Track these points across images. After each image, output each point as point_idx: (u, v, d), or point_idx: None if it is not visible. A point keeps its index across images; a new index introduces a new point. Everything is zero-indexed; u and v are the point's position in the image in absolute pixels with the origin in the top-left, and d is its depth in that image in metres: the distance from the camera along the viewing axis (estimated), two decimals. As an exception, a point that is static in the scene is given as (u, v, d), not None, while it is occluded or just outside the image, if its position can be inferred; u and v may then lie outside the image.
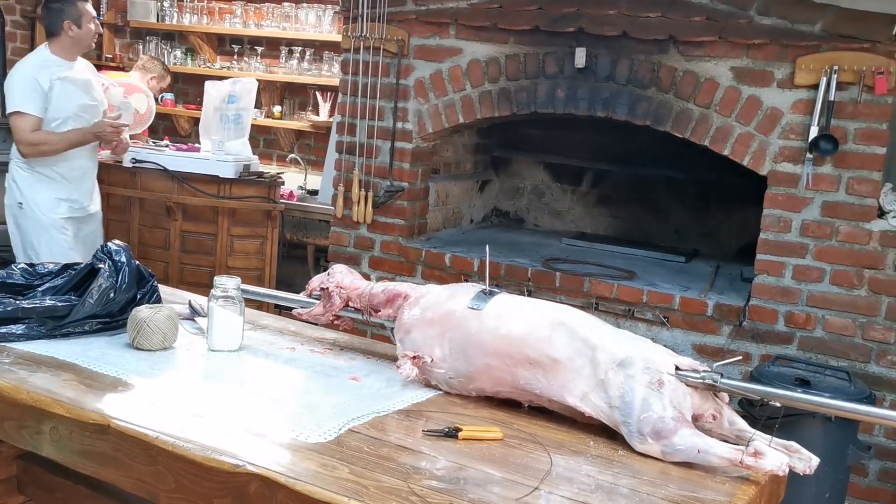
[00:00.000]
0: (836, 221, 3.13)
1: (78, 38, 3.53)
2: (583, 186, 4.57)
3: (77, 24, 3.50)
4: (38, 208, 3.57)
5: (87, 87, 3.61)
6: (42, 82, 3.45)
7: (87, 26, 3.52)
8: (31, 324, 1.87)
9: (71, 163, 3.62)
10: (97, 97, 3.70)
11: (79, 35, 3.52)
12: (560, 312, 1.71)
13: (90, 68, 3.77)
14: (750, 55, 3.19)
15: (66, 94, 3.52)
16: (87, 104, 3.61)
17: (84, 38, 3.55)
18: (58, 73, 3.49)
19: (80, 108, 3.58)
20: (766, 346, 3.23)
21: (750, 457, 1.42)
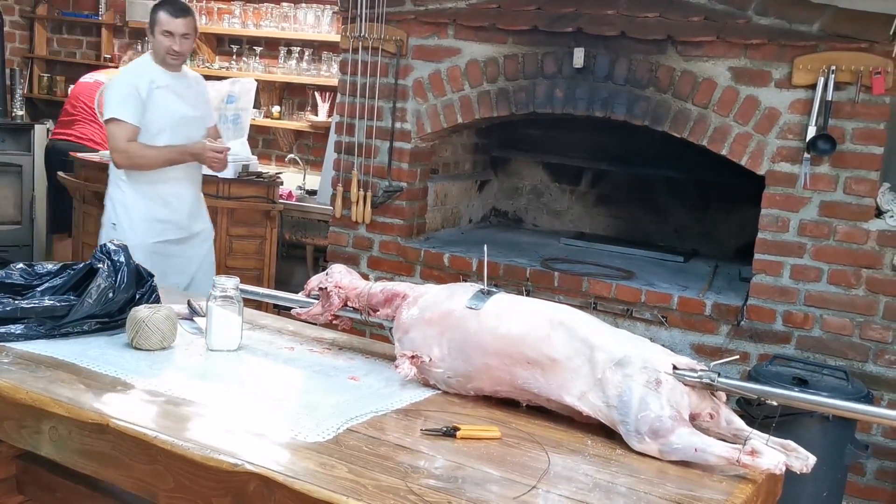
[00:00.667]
0: (834, 221, 3.14)
1: (154, 47, 3.29)
2: (581, 186, 4.58)
3: (151, 32, 3.29)
4: (130, 230, 3.28)
5: (189, 99, 3.37)
6: (140, 89, 3.23)
7: (158, 37, 3.24)
8: (31, 324, 1.88)
9: (170, 181, 3.34)
10: (201, 110, 3.45)
11: (153, 44, 3.29)
12: (558, 312, 1.72)
13: (198, 80, 3.51)
14: (748, 55, 3.19)
15: (164, 103, 3.28)
16: (187, 116, 3.35)
17: (157, 49, 3.27)
18: (157, 81, 3.26)
19: (179, 119, 3.32)
20: (764, 346, 3.23)
21: (747, 455, 1.43)
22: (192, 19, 3.28)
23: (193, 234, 3.47)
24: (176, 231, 3.38)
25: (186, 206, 3.41)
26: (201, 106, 3.47)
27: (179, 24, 3.20)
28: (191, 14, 3.27)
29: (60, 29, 6.16)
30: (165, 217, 3.35)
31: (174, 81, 3.32)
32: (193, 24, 3.27)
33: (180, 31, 3.21)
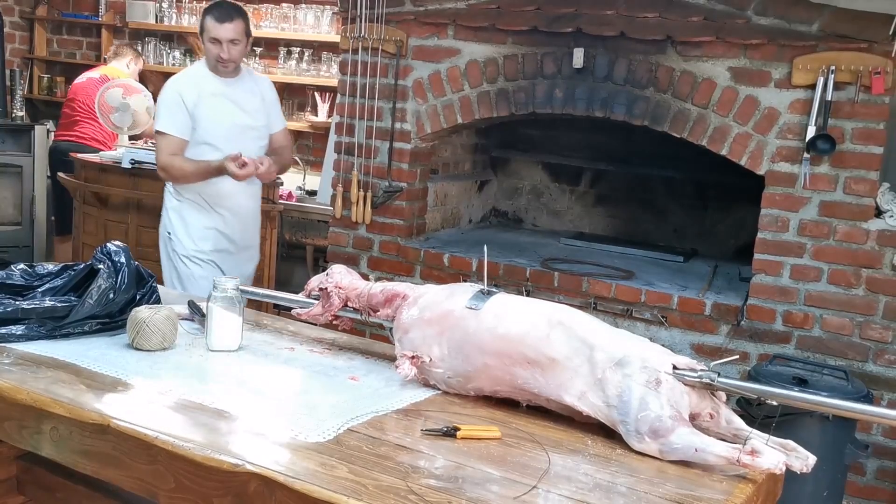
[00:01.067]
0: (834, 221, 3.14)
1: (206, 54, 3.16)
2: (581, 186, 4.58)
3: (201, 38, 3.16)
4: (184, 238, 3.22)
5: (247, 105, 3.18)
6: (187, 99, 3.08)
7: (207, 44, 3.10)
8: (31, 324, 1.88)
9: (224, 193, 3.20)
10: (261, 118, 3.24)
11: (205, 50, 3.15)
12: (558, 312, 1.72)
13: (260, 83, 3.31)
14: (747, 55, 3.19)
15: (215, 112, 3.11)
16: (241, 124, 3.16)
17: (207, 56, 3.14)
18: (209, 88, 3.11)
19: (231, 128, 3.13)
20: (764, 346, 3.23)
21: (747, 455, 1.43)
22: (242, 22, 3.08)
23: (242, 248, 3.34)
24: (227, 243, 3.26)
25: (240, 219, 3.28)
26: (261, 113, 3.26)
27: (226, 29, 3.02)
28: (239, 17, 3.07)
29: (60, 30, 6.17)
30: (218, 227, 3.23)
31: (229, 88, 3.15)
32: (243, 27, 3.08)
33: (228, 37, 3.03)
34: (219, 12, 3.04)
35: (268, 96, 3.30)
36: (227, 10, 3.06)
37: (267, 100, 3.29)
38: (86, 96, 5.09)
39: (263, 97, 3.26)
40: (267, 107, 3.28)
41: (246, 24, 3.09)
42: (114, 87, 4.67)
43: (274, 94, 3.36)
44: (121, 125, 4.65)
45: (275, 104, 3.34)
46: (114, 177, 4.17)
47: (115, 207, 4.19)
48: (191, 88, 3.10)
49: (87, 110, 5.09)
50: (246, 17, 3.10)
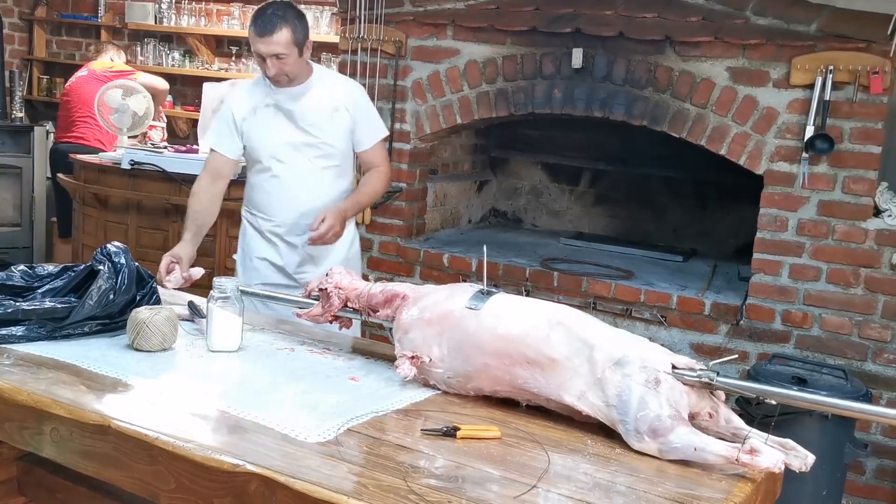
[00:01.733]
0: (833, 220, 3.14)
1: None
2: (580, 186, 4.58)
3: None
4: (241, 266, 2.88)
5: (304, 119, 2.68)
6: (237, 112, 2.70)
7: (255, 57, 2.67)
8: (32, 325, 1.88)
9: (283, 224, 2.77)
10: (322, 134, 2.70)
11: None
12: (558, 312, 1.72)
13: (332, 95, 2.72)
14: (746, 55, 3.20)
15: (263, 126, 2.69)
16: (296, 141, 2.69)
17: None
18: (262, 99, 2.70)
19: (281, 146, 2.69)
20: (764, 345, 3.24)
21: (746, 454, 1.43)
22: (288, 31, 2.54)
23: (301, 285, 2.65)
24: (282, 277, 2.79)
25: (297, 254, 2.79)
26: (327, 127, 2.70)
27: (266, 43, 2.54)
28: (283, 26, 2.53)
29: (59, 31, 6.17)
30: (273, 259, 2.80)
31: (287, 99, 2.68)
32: (289, 37, 2.54)
33: (270, 52, 2.54)
34: (260, 23, 2.55)
35: (347, 106, 2.72)
36: (268, 19, 2.54)
37: (342, 111, 2.72)
38: (80, 96, 5.08)
39: (337, 108, 2.71)
40: (340, 120, 2.71)
41: (294, 31, 2.55)
42: (113, 87, 4.67)
43: (359, 103, 2.76)
44: (120, 126, 4.66)
45: (361, 115, 2.75)
46: (113, 178, 4.17)
47: (115, 208, 4.19)
48: (243, 100, 2.72)
49: (84, 111, 5.08)
50: (296, 23, 2.57)
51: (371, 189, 2.83)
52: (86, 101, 5.01)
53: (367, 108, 2.80)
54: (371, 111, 2.81)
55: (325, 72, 2.83)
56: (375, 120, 2.82)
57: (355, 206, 2.77)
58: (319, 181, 2.74)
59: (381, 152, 2.86)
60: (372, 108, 2.83)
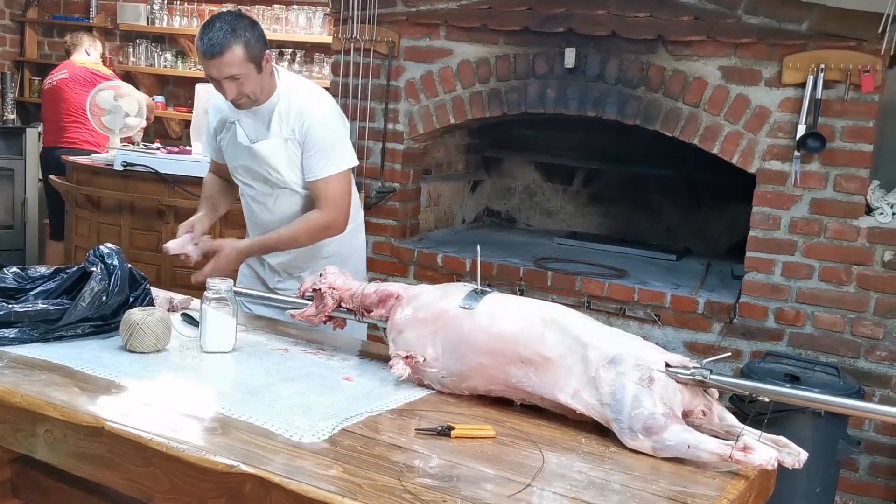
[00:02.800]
0: (825, 218, 3.16)
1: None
2: (574, 186, 4.59)
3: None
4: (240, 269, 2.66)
5: (257, 143, 2.38)
6: (212, 118, 2.51)
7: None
8: (24, 327, 1.87)
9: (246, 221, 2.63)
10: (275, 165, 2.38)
11: None
12: (551, 311, 1.72)
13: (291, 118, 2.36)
14: (738, 54, 3.21)
15: (228, 144, 2.48)
16: (248, 166, 2.44)
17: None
18: (228, 113, 2.43)
19: (240, 168, 2.47)
20: (757, 343, 3.25)
21: (739, 452, 1.44)
22: (239, 49, 2.19)
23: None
24: (264, 288, 2.58)
25: (272, 270, 2.58)
26: (279, 156, 2.37)
27: (216, 66, 2.22)
28: (233, 43, 2.19)
29: (51, 32, 6.14)
30: (255, 269, 2.63)
31: (249, 116, 2.39)
32: (242, 55, 2.20)
33: (223, 75, 2.22)
34: (206, 42, 2.20)
35: (299, 138, 2.36)
36: (215, 37, 2.19)
37: (292, 142, 2.37)
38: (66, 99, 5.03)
39: (288, 137, 2.36)
40: (290, 152, 2.37)
41: (248, 46, 2.21)
42: (106, 88, 4.66)
43: (311, 135, 2.35)
44: (112, 127, 4.64)
45: (311, 147, 2.36)
46: (106, 179, 4.16)
47: (108, 210, 4.18)
48: (217, 109, 2.48)
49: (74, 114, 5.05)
50: (248, 37, 2.22)
51: (288, 236, 2.39)
52: (74, 104, 4.97)
53: (320, 140, 2.35)
54: (324, 144, 2.36)
55: (291, 89, 2.39)
56: (327, 153, 2.36)
57: (260, 249, 2.43)
58: (280, 203, 2.47)
59: (325, 192, 2.37)
60: (328, 138, 2.37)
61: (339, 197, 2.40)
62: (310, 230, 2.40)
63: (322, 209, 2.39)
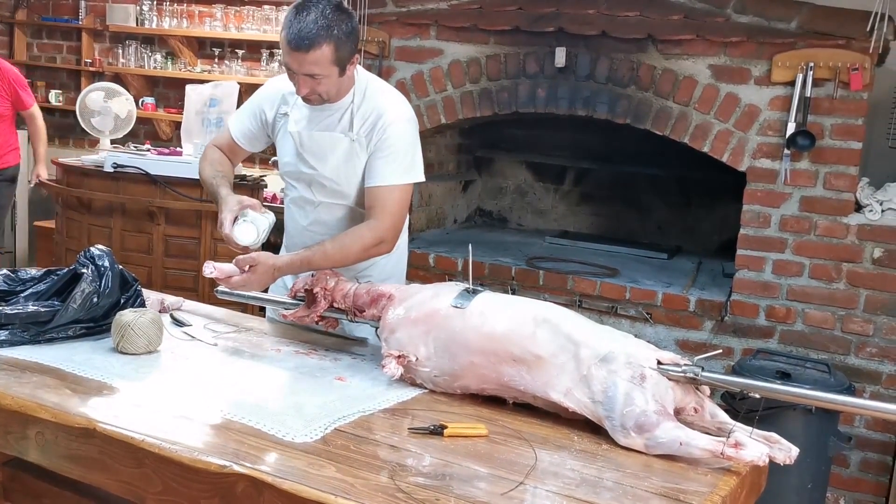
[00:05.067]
0: (815, 216, 3.17)
1: None
2: (565, 185, 4.60)
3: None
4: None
5: (321, 146, 2.18)
6: (268, 110, 2.27)
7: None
8: (15, 330, 1.86)
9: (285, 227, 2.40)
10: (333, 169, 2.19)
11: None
12: (543, 309, 1.73)
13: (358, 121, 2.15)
14: (727, 53, 3.22)
15: (283, 143, 2.26)
16: (308, 173, 2.23)
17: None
18: (289, 101, 2.23)
19: (296, 173, 2.26)
20: (748, 341, 3.26)
21: (731, 448, 1.45)
22: (328, 50, 1.98)
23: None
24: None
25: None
26: (326, 160, 2.18)
27: (300, 61, 2.00)
28: (321, 43, 1.96)
29: (40, 34, 6.12)
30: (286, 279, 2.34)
31: (316, 115, 2.18)
32: (329, 56, 1.99)
33: (303, 71, 2.02)
34: (295, 32, 1.97)
35: (371, 138, 2.14)
36: (308, 30, 1.96)
37: (360, 143, 2.15)
38: None
39: (357, 139, 2.15)
40: (355, 155, 2.16)
41: (339, 48, 1.99)
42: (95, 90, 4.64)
43: (385, 136, 2.13)
44: (102, 129, 4.63)
45: (381, 150, 2.13)
46: (96, 181, 4.14)
47: (98, 212, 4.16)
48: (276, 99, 2.25)
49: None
50: (342, 38, 1.99)
51: (336, 251, 2.08)
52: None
53: (392, 143, 2.13)
54: (396, 148, 2.13)
55: (370, 89, 2.19)
56: (399, 160, 2.13)
57: (302, 266, 2.08)
58: (319, 214, 2.26)
59: (385, 200, 2.12)
60: (402, 145, 2.14)
61: (397, 209, 2.14)
62: (364, 244, 2.10)
63: (377, 219, 2.11)
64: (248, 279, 2.02)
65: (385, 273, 2.33)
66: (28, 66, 6.08)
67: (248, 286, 2.05)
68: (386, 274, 2.33)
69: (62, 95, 5.90)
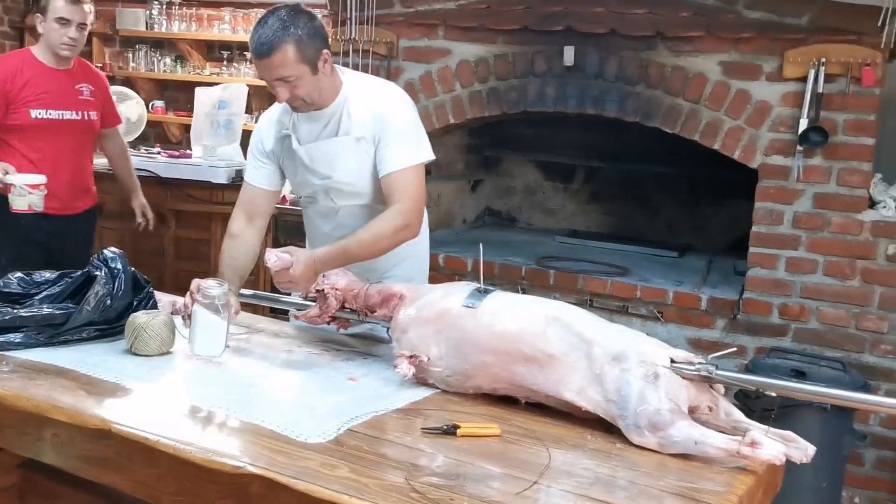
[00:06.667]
0: (828, 213, 3.15)
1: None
2: (574, 184, 4.59)
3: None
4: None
5: (318, 153, 2.18)
6: (265, 139, 2.27)
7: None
8: (30, 332, 1.88)
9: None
10: (327, 173, 2.19)
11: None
12: (554, 308, 1.72)
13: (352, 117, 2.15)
14: (738, 49, 3.21)
15: (288, 157, 2.25)
16: (310, 180, 2.23)
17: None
18: (287, 124, 2.23)
19: (301, 183, 2.27)
20: (761, 339, 3.24)
21: (747, 447, 1.44)
22: (290, 49, 2.00)
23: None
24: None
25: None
26: (335, 165, 2.18)
27: (266, 68, 2.03)
28: (281, 44, 1.99)
29: (50, 38, 6.14)
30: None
31: (301, 126, 2.19)
32: (292, 56, 2.01)
33: (273, 77, 2.03)
34: (256, 41, 2.02)
35: (374, 131, 2.14)
36: (265, 35, 2.00)
37: (366, 140, 2.15)
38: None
39: (362, 136, 2.15)
40: (363, 152, 2.16)
41: (300, 45, 2.00)
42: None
43: (388, 123, 2.14)
44: (113, 132, 4.64)
45: (387, 137, 2.14)
46: (108, 184, 4.16)
47: (111, 215, 4.19)
48: (271, 125, 2.27)
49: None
50: (301, 35, 2.00)
51: (370, 237, 2.09)
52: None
53: (395, 130, 2.14)
54: (401, 133, 2.15)
55: (359, 86, 2.20)
56: (405, 143, 2.15)
57: (339, 256, 2.06)
58: (342, 218, 2.26)
59: (402, 184, 2.13)
60: (405, 128, 2.17)
61: (415, 191, 2.15)
62: (394, 227, 2.10)
63: (399, 204, 2.11)
64: (292, 278, 1.99)
65: (410, 274, 2.32)
66: (39, 71, 6.10)
67: (295, 284, 2.01)
68: (411, 275, 2.32)
69: (73, 99, 5.91)
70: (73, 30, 3.09)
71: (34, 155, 3.13)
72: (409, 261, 2.32)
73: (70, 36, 3.09)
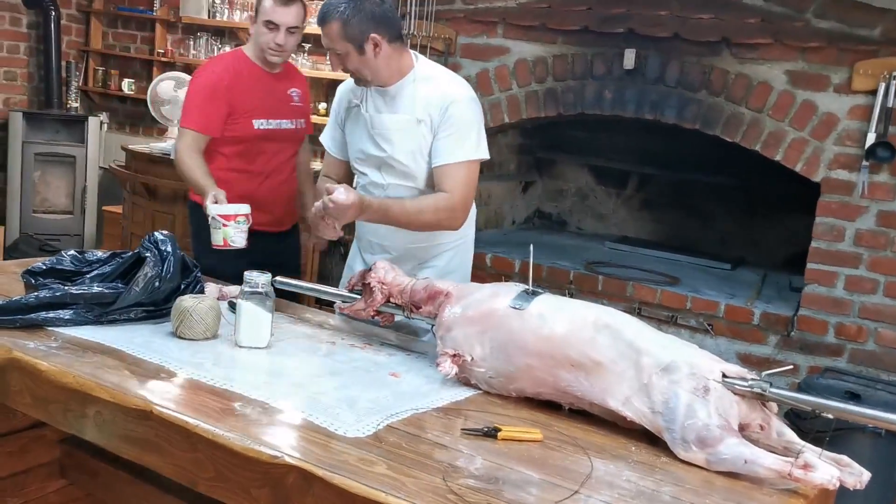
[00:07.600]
0: (892, 231, 3.04)
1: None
2: (627, 190, 4.51)
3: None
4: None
5: (383, 127, 2.25)
6: (341, 104, 2.39)
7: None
8: (79, 309, 1.90)
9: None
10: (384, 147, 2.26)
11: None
12: (604, 314, 1.68)
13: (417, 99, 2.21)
14: (806, 59, 3.11)
15: (350, 128, 2.36)
16: (367, 153, 2.30)
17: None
18: (356, 96, 2.32)
19: (358, 154, 2.35)
20: (815, 358, 3.14)
21: (799, 469, 1.38)
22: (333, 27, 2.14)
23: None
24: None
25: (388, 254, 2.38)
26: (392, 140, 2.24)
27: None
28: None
29: (115, 23, 6.28)
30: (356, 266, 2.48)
31: (370, 100, 2.28)
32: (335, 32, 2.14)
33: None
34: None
35: (434, 116, 2.20)
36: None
37: (425, 123, 2.21)
38: None
39: (422, 118, 2.20)
40: (420, 134, 2.21)
41: (345, 27, 2.13)
42: (166, 79, 4.74)
43: (449, 113, 2.19)
44: (171, 117, 4.73)
45: (446, 128, 2.20)
46: (162, 168, 4.23)
47: (163, 198, 4.25)
48: (345, 92, 2.38)
49: None
50: (346, 18, 2.12)
51: (412, 208, 2.18)
52: None
53: (456, 121, 2.18)
54: (459, 126, 2.19)
55: (429, 72, 2.26)
56: (461, 137, 2.19)
57: (378, 211, 2.16)
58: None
59: (454, 177, 2.19)
60: (465, 122, 2.20)
61: (465, 186, 2.20)
62: (437, 209, 2.18)
63: (451, 193, 2.18)
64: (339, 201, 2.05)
65: (451, 266, 2.35)
66: (103, 55, 6.25)
67: (338, 209, 2.06)
68: (452, 267, 2.35)
69: (134, 84, 6.04)
70: (281, 35, 2.67)
71: (254, 169, 2.78)
72: (452, 253, 2.36)
73: (278, 42, 2.67)
